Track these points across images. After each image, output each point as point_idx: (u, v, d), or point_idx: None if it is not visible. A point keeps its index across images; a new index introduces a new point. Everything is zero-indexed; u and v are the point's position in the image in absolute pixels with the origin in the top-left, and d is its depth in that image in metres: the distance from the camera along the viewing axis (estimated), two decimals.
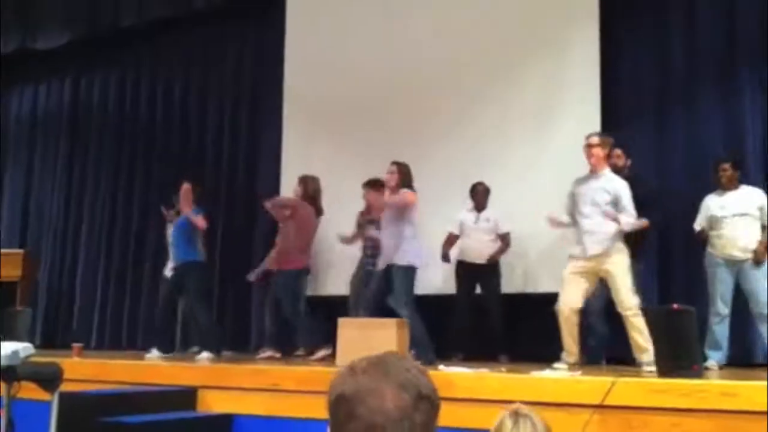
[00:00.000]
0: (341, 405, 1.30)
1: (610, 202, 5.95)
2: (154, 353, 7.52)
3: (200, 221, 7.74)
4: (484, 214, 7.62)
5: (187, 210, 7.78)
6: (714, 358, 6.24)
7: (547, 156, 7.70)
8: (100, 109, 10.94)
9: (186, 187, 7.87)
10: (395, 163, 6.87)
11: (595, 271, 5.95)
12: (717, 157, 6.95)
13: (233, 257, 9.12)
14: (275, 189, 8.85)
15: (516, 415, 2.50)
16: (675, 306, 5.41)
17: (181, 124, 10.22)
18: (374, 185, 7.51)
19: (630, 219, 5.97)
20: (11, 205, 11.26)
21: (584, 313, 6.36)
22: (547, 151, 7.74)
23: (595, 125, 7.32)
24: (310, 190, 7.79)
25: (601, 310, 6.68)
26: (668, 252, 7.46)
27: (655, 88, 7.73)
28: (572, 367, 5.78)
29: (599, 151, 6.05)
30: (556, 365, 5.79)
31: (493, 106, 8.08)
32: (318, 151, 8.74)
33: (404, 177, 6.76)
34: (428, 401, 1.33)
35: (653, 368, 5.54)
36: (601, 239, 5.91)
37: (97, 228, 10.54)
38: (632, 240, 6.28)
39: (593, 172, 6.11)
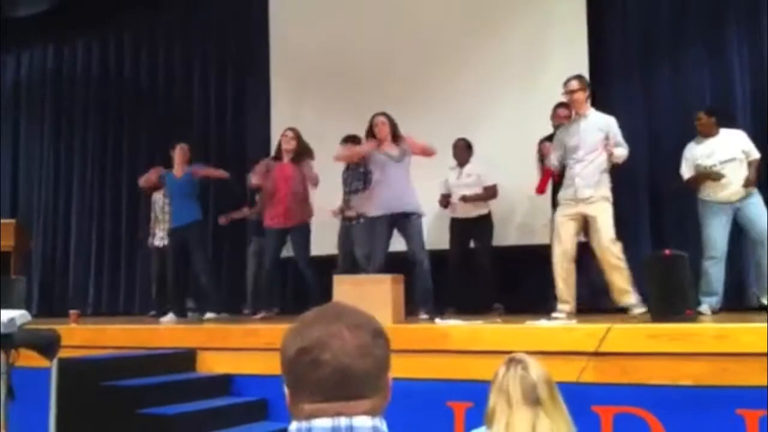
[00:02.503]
0: (303, 356, 1.31)
1: (603, 137, 5.99)
2: (170, 317, 7.39)
3: (219, 171, 7.80)
4: (467, 169, 7.66)
5: (185, 169, 7.74)
6: (707, 303, 6.29)
7: (535, 110, 7.69)
8: (84, 75, 10.83)
9: (183, 146, 7.83)
10: (382, 114, 6.84)
11: (582, 214, 5.99)
12: None
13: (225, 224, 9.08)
14: (265, 148, 8.82)
15: (510, 362, 2.60)
16: (667, 251, 5.45)
17: (167, 87, 10.13)
18: (353, 140, 7.53)
19: (624, 151, 6.04)
20: (0, 176, 11.18)
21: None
22: (534, 106, 7.72)
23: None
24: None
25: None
26: (659, 201, 7.50)
27: (642, 43, 7.71)
28: (569, 316, 5.82)
29: (581, 95, 6.09)
30: (554, 315, 5.83)
31: (481, 62, 8.06)
32: (307, 110, 8.69)
33: (393, 126, 6.79)
34: (383, 337, 1.37)
35: (642, 309, 5.62)
36: (592, 182, 5.97)
37: (88, 194, 10.51)
38: None
39: (579, 115, 6.13)
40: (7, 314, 4.75)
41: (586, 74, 7.37)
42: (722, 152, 6.41)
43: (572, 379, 4.60)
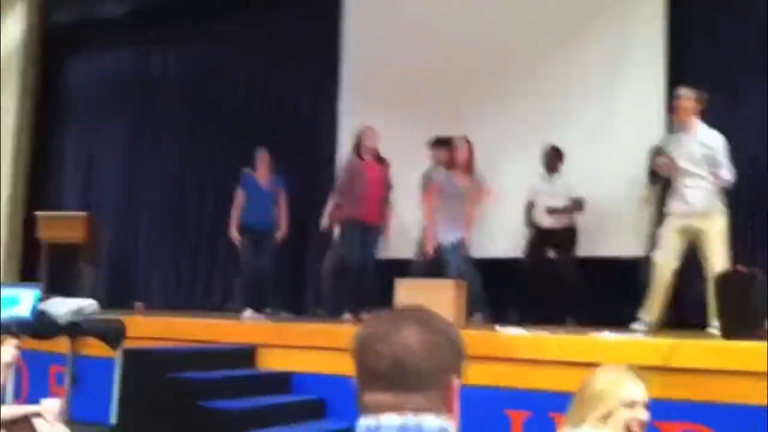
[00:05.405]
0: (365, 346, 1.36)
1: (705, 155, 5.80)
2: (248, 314, 7.45)
3: (285, 221, 8.05)
4: (555, 178, 7.50)
5: (267, 177, 8.00)
6: None
7: (618, 116, 7.59)
8: (160, 76, 10.99)
9: (264, 154, 8.02)
10: (464, 138, 6.93)
11: (693, 229, 5.81)
12: None
13: (291, 223, 9.14)
14: (332, 156, 8.95)
15: None
16: (741, 268, 5.31)
17: (244, 92, 10.22)
18: (443, 143, 7.50)
19: (726, 176, 5.79)
20: (74, 169, 11.43)
21: None
22: (618, 111, 7.62)
23: (660, 85, 7.32)
24: None
25: None
26: (736, 214, 7.26)
27: (724, 47, 7.48)
28: (651, 327, 5.70)
29: (685, 103, 5.92)
30: (634, 326, 5.72)
31: (561, 66, 7.94)
32: (377, 115, 8.60)
33: (472, 153, 6.92)
34: (451, 343, 1.38)
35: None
36: (705, 195, 5.79)
37: (158, 191, 10.68)
38: None
39: (683, 126, 5.97)
40: (76, 303, 4.87)
41: (663, 81, 7.29)
42: None
43: None
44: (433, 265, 7.27)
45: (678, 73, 7.42)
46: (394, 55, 8.74)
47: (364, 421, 1.35)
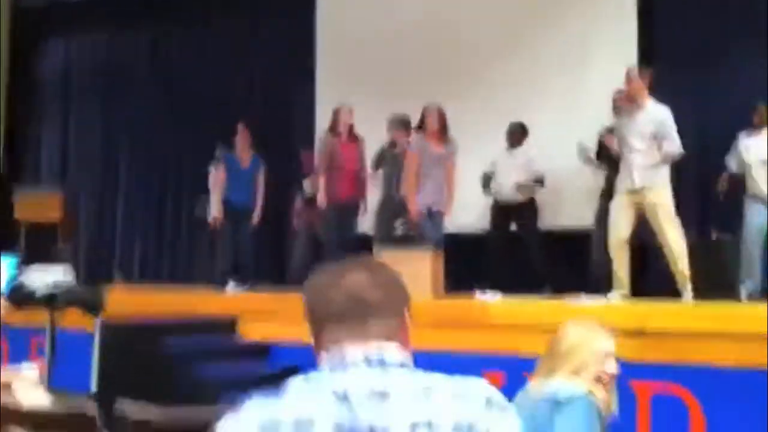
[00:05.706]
0: (316, 294, 1.40)
1: (655, 131, 5.87)
2: (231, 287, 7.45)
3: (260, 202, 7.96)
4: (517, 151, 7.54)
5: (247, 153, 7.93)
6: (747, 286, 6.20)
7: (584, 94, 7.65)
8: (134, 60, 10.90)
9: (243, 130, 7.93)
10: (435, 106, 6.92)
11: (640, 203, 5.90)
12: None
13: (271, 201, 9.16)
14: (310, 135, 8.94)
15: None
16: (713, 235, 5.39)
17: (216, 73, 10.17)
18: (404, 124, 7.53)
19: (672, 148, 5.87)
20: (50, 148, 11.37)
21: None
22: (583, 89, 7.68)
23: (632, 63, 7.28)
24: None
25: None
26: (707, 186, 7.36)
27: (694, 25, 7.55)
28: (625, 298, 5.78)
29: (636, 83, 5.98)
30: (609, 296, 5.79)
31: (531, 44, 8.00)
32: (353, 95, 8.59)
33: (443, 120, 6.87)
34: (398, 280, 1.43)
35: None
36: (648, 172, 5.86)
37: (135, 168, 10.63)
38: None
39: (634, 104, 6.05)
40: (53, 275, 4.86)
41: (634, 59, 7.34)
42: (762, 150, 6.28)
43: None
44: (393, 238, 7.35)
45: (649, 53, 7.50)
46: (368, 34, 8.75)
47: (326, 356, 1.35)
